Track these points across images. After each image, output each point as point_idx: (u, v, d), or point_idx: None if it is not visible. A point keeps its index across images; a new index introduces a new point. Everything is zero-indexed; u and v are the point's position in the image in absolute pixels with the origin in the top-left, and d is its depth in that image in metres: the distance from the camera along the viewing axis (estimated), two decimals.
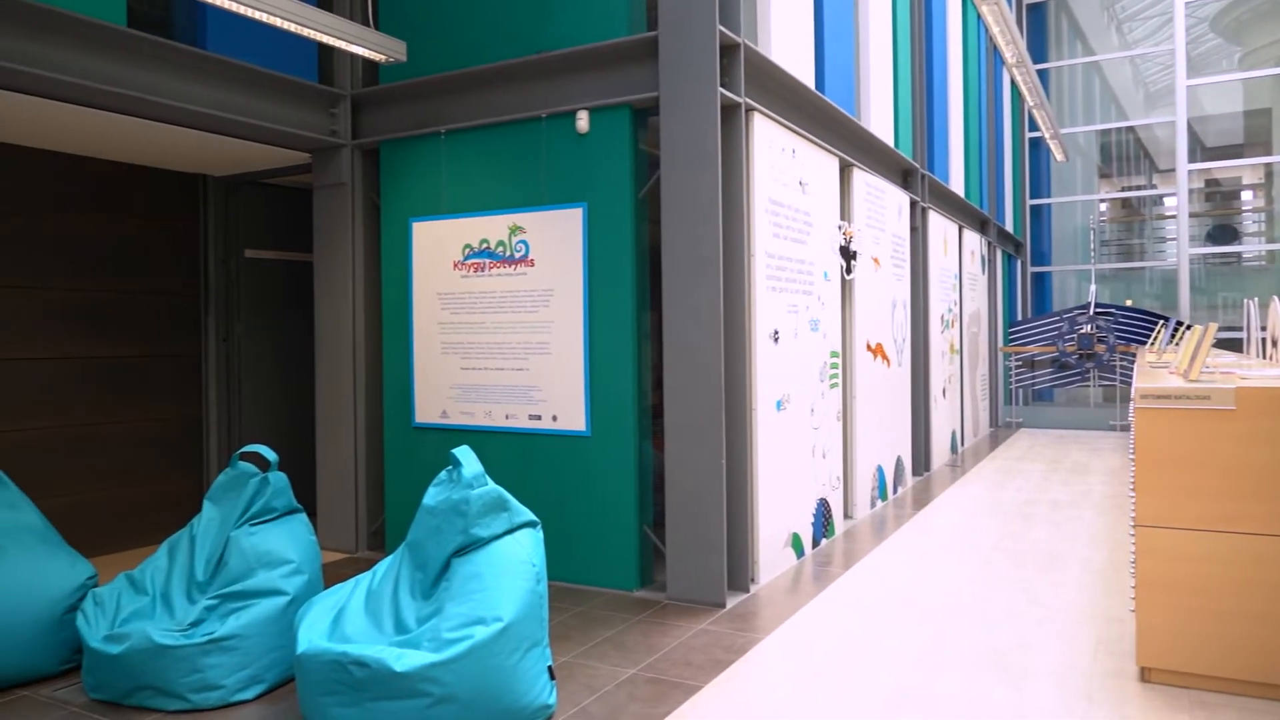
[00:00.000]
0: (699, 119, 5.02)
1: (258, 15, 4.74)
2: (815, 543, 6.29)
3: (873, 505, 7.65)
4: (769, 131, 5.63)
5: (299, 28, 4.94)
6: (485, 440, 5.70)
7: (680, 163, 5.08)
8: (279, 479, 4.28)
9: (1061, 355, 12.97)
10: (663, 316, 5.15)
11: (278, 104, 5.88)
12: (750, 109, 5.38)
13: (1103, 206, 17.70)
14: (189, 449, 7.10)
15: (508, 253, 5.66)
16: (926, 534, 6.75)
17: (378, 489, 6.41)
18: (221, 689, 3.75)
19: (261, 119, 5.74)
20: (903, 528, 6.97)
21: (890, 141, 8.41)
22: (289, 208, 7.59)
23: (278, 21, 4.84)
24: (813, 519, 6.26)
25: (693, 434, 5.05)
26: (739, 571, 5.23)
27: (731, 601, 5.07)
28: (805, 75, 6.38)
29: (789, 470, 5.85)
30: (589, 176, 5.44)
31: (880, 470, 7.86)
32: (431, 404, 5.96)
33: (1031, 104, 13.41)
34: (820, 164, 6.52)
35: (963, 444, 11.50)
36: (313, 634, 3.56)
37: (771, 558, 5.56)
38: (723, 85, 5.09)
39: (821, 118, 6.60)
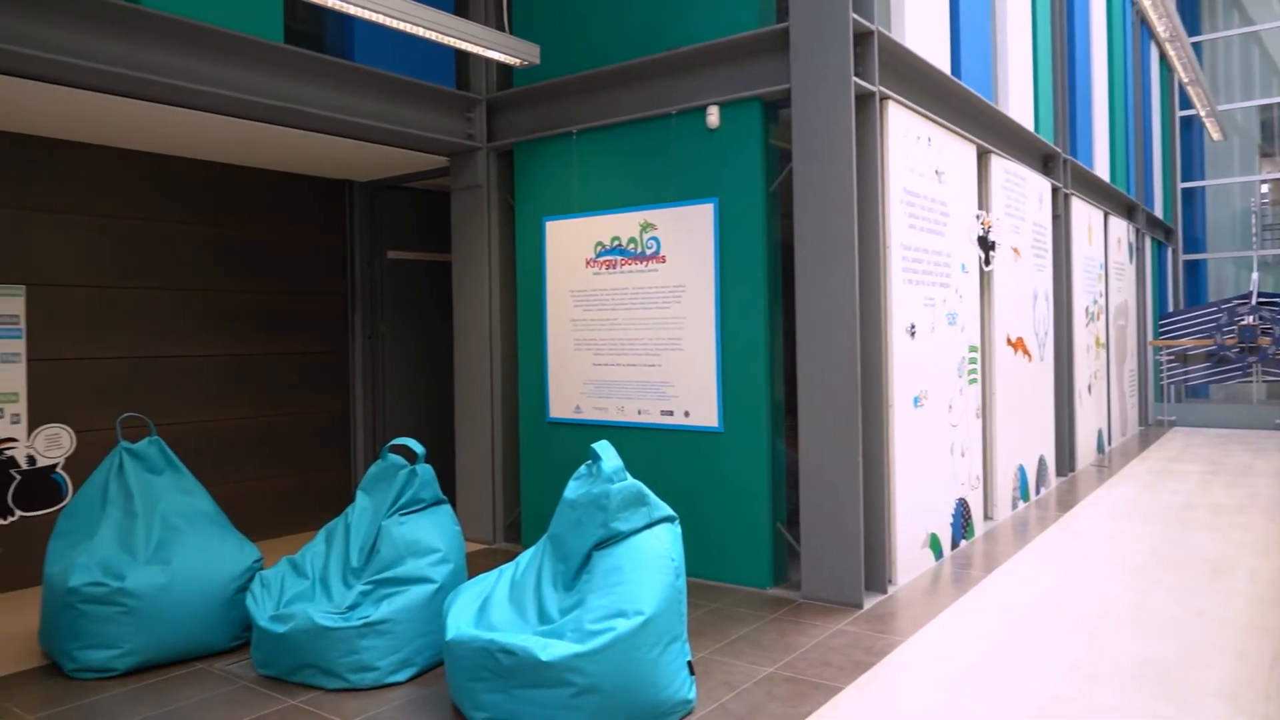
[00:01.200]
0: (832, 110, 4.94)
1: (403, 26, 4.93)
2: (954, 544, 6.11)
3: (1014, 506, 7.36)
4: (904, 120, 5.49)
5: (440, 36, 5.12)
6: (618, 435, 5.78)
7: (813, 155, 5.01)
8: (426, 471, 4.45)
9: (1220, 349, 12.16)
10: (796, 311, 5.10)
11: (418, 110, 6.11)
12: (884, 98, 5.26)
13: (1264, 188, 16.47)
14: (339, 441, 7.47)
15: (639, 249, 5.71)
16: (1074, 537, 6.46)
17: (514, 482, 6.59)
18: (377, 670, 3.94)
19: (403, 125, 5.97)
20: (1047, 530, 6.68)
21: (1030, 126, 8.07)
22: (428, 210, 7.87)
23: (420, 31, 5.03)
24: (951, 519, 6.08)
25: (828, 430, 4.98)
26: (876, 572, 5.13)
27: (869, 602, 4.98)
28: (941, 61, 6.18)
29: (927, 469, 5.70)
30: (720, 172, 5.43)
31: (1022, 470, 7.56)
32: (565, 399, 6.08)
33: (1185, 80, 12.62)
34: (957, 152, 6.31)
35: (1110, 443, 10.93)
36: (460, 621, 3.69)
37: (909, 558, 5.43)
38: (856, 74, 4.99)
39: (958, 104, 6.39)
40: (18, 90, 4.69)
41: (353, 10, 4.67)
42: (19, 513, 5.64)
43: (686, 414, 5.53)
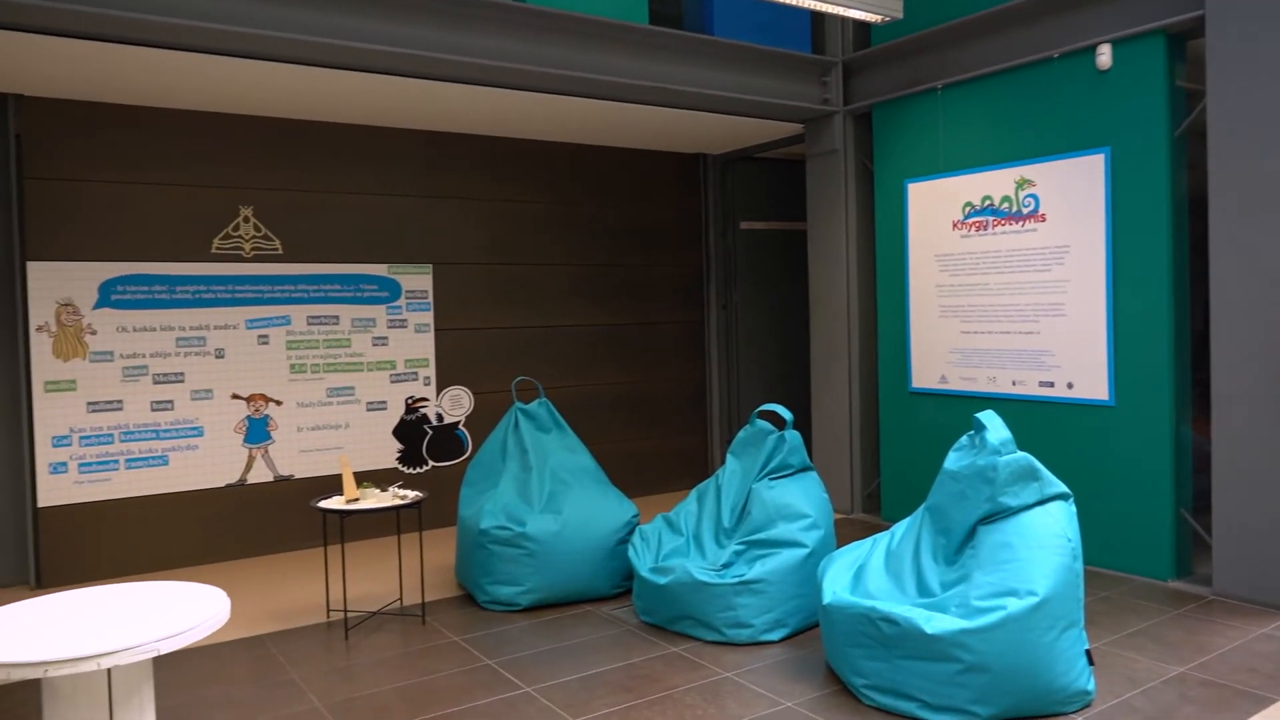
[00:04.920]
0: (1263, 33, 4.23)
1: None
2: None
3: None
4: None
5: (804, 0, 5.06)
6: (989, 407, 5.44)
7: (1235, 90, 4.34)
8: (794, 437, 4.48)
9: None
10: (1210, 273, 4.47)
11: (774, 78, 6.12)
12: None
13: None
14: (696, 407, 7.77)
15: (1014, 209, 5.31)
16: None
17: (872, 453, 6.46)
18: (751, 627, 4.04)
19: (759, 95, 6.02)
20: None
21: None
22: (780, 179, 7.91)
23: None
24: None
25: (1251, 408, 4.32)
26: None
27: None
28: None
29: None
30: (1111, 118, 4.88)
31: None
32: (929, 369, 5.84)
33: None
34: None
35: None
36: (836, 586, 3.67)
37: None
38: None
39: None
40: (424, 92, 5.34)
41: None
42: (431, 463, 6.48)
43: (1070, 385, 5.07)
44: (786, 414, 4.54)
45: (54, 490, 5.24)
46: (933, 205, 5.76)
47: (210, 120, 5.67)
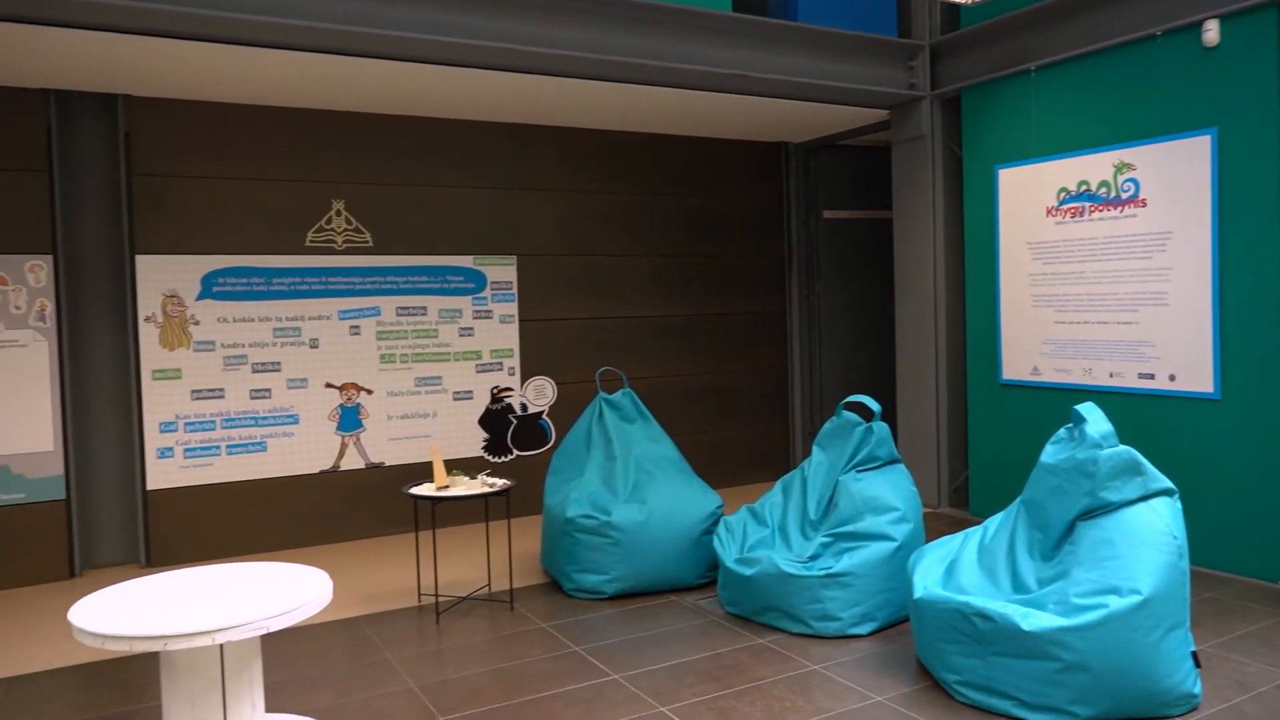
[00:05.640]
0: None
1: None
2: None
3: None
4: None
5: None
6: (1085, 400, 5.27)
7: None
8: (882, 429, 4.42)
9: None
10: None
11: (859, 64, 6.02)
12: None
13: None
14: (778, 398, 7.71)
15: (1113, 194, 5.13)
16: None
17: (960, 446, 6.33)
18: (839, 620, 4.01)
19: (844, 81, 5.93)
20: None
21: None
22: (863, 167, 7.78)
23: None
24: None
25: None
26: None
27: None
28: None
29: None
30: (1218, 98, 4.67)
31: None
32: (1020, 360, 5.69)
33: None
34: None
35: None
36: (927, 581, 3.61)
37: None
38: None
39: None
40: (509, 84, 5.40)
41: None
42: (516, 452, 6.58)
43: (1172, 378, 4.88)
44: (874, 405, 4.48)
45: (161, 474, 5.48)
46: (1025, 191, 5.60)
47: (304, 116, 5.83)
